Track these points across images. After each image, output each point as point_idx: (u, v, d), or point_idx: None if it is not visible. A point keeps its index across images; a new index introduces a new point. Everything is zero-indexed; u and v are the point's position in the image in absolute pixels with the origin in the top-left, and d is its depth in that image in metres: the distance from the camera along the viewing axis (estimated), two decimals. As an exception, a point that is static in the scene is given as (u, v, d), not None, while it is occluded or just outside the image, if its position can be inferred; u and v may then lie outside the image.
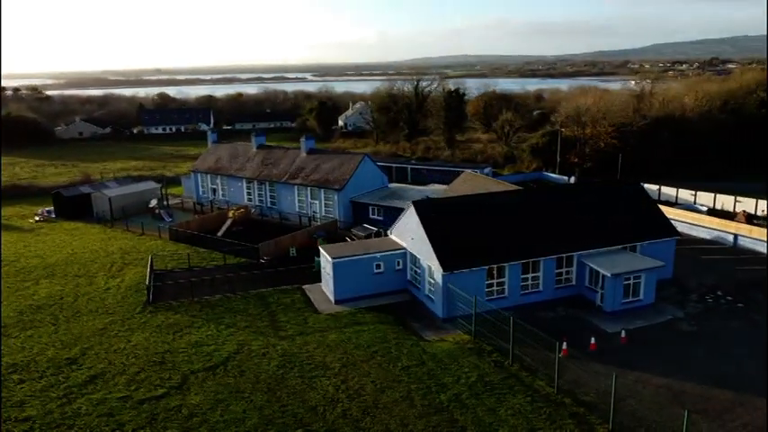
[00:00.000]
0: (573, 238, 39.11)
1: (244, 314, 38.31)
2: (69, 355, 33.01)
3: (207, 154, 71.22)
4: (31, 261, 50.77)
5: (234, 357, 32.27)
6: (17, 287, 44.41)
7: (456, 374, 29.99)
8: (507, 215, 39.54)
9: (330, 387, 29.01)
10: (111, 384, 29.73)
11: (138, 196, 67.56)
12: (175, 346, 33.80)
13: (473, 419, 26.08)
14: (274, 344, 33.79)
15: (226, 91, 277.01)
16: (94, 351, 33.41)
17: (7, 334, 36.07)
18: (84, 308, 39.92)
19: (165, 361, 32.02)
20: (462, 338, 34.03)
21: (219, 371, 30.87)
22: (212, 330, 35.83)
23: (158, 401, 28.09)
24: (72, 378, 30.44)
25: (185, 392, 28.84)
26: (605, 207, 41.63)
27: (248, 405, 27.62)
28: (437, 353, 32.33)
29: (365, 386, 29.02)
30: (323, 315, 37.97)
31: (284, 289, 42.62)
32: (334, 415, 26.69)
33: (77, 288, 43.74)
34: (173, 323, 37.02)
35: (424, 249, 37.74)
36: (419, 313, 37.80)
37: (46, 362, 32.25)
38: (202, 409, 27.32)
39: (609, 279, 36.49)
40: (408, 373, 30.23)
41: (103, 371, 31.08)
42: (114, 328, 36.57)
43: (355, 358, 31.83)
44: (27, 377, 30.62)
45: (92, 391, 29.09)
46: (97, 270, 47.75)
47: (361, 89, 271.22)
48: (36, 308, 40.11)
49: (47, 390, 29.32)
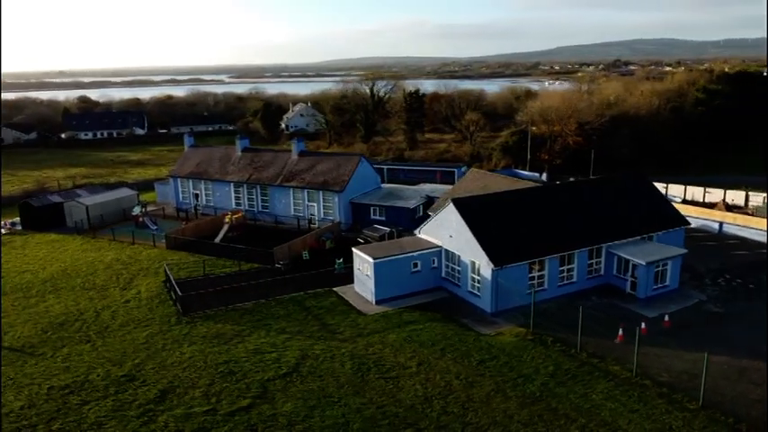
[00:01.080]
0: (600, 230, 41.08)
1: (289, 319, 37.58)
2: (123, 371, 31.26)
3: (185, 158, 68.65)
4: (25, 276, 47.30)
5: (303, 363, 31.68)
6: (23, 303, 41.36)
7: (532, 365, 30.92)
8: (540, 210, 40.97)
9: (417, 386, 29.17)
10: (187, 399, 28.49)
11: (116, 204, 64.20)
12: (236, 355, 32.74)
13: (571, 406, 27.08)
14: (337, 347, 33.45)
15: (137, 94, 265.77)
16: (150, 366, 31.80)
17: (39, 353, 33.63)
18: (112, 322, 37.79)
19: (233, 371, 30.98)
20: (519, 331, 35.02)
21: (295, 377, 30.25)
22: (266, 337, 34.95)
23: (248, 412, 27.25)
24: (141, 395, 28.90)
25: (272, 401, 28.12)
26: (623, 200, 43.95)
27: (344, 409, 27.33)
28: (503, 346, 33.15)
29: (451, 382, 29.39)
30: (369, 316, 37.89)
31: (316, 292, 42.07)
32: (436, 412, 26.93)
33: (93, 302, 41.26)
34: (219, 333, 35.78)
35: (467, 246, 38.46)
36: (463, 309, 38.44)
37: (101, 380, 30.40)
38: (299, 417, 26.77)
39: (643, 267, 38.65)
40: (486, 367, 30.86)
41: (171, 385, 29.71)
42: (157, 341, 34.89)
43: (427, 356, 32.09)
44: (89, 397, 28.78)
45: (170, 407, 27.78)
46: (104, 283, 45.18)
47: (292, 90, 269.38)
48: (58, 325, 37.56)
49: (119, 409, 27.71)
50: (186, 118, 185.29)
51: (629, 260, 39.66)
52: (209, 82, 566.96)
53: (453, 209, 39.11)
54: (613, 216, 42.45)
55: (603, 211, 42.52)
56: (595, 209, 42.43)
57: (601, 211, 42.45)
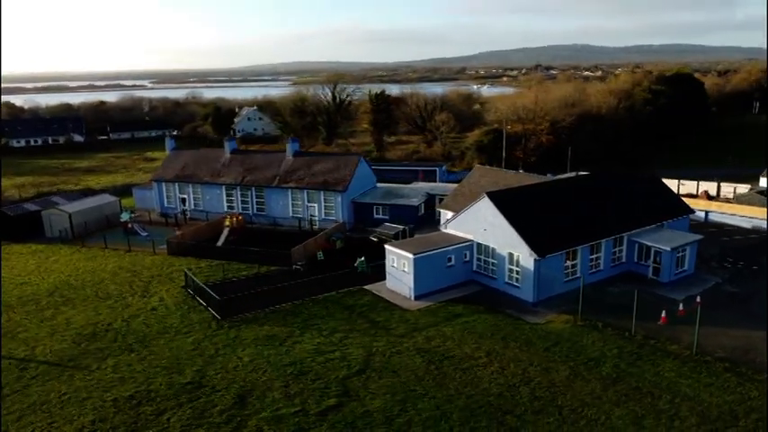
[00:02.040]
0: (621, 220, 42.93)
1: (334, 318, 37.07)
2: (186, 379, 29.95)
3: (169, 162, 66.04)
4: (25, 288, 44.22)
5: (372, 360, 31.41)
6: (39, 316, 38.69)
7: (596, 349, 32.00)
8: (567, 201, 42.34)
9: (495, 375, 29.57)
10: (268, 401, 27.67)
11: (98, 211, 60.94)
12: (298, 356, 32.02)
13: (650, 384, 28.26)
14: (398, 342, 33.35)
15: (60, 99, 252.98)
16: (212, 371, 30.60)
17: (83, 366, 31.65)
18: (148, 330, 36.02)
19: (303, 371, 30.32)
20: (566, 318, 36.07)
21: (370, 374, 29.96)
22: (320, 337, 34.34)
23: (339, 411, 26.80)
24: (218, 401, 27.82)
25: (358, 398, 27.76)
26: (635, 191, 46.07)
27: (435, 401, 27.36)
28: (560, 333, 34.09)
29: (527, 370, 29.98)
30: (414, 311, 37.93)
31: (348, 291, 41.66)
32: (525, 398, 27.43)
33: (116, 312, 39.13)
34: (269, 335, 34.85)
35: (503, 239, 39.25)
36: (503, 301, 39.10)
37: (167, 389, 29.01)
38: (394, 412, 26.59)
39: (667, 253, 40.73)
40: (553, 353, 31.67)
41: (245, 390, 28.74)
42: (207, 346, 33.59)
43: (491, 346, 32.54)
44: (162, 407, 27.43)
45: (255, 411, 26.91)
46: (119, 291, 42.91)
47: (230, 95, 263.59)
48: (90, 336, 35.42)
49: (201, 416, 26.58)
50: (126, 123, 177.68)
51: (652, 247, 41.67)
52: (131, 87, 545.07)
53: (489, 202, 39.80)
54: (630, 206, 44.44)
55: (620, 202, 44.42)
56: (613, 200, 44.26)
57: (618, 202, 44.33)
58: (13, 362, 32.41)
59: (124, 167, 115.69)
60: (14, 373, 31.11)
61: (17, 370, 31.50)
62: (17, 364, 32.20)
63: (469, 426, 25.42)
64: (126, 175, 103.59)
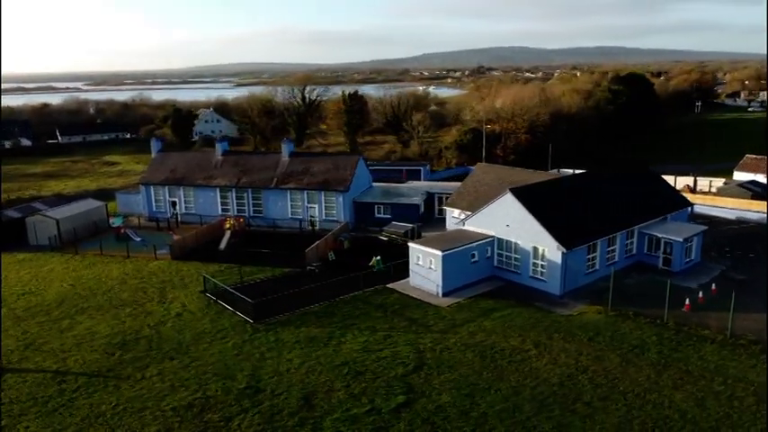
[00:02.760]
0: (632, 214, 44.58)
1: (370, 318, 36.96)
2: (241, 384, 29.30)
3: (156, 164, 63.95)
4: (30, 299, 42.02)
5: (424, 356, 31.55)
6: (55, 326, 36.86)
7: (636, 337, 33.18)
8: (583, 197, 43.61)
9: (550, 365, 30.26)
10: (335, 402, 27.42)
11: (86, 217, 58.43)
12: (349, 356, 31.83)
13: (699, 368, 29.57)
14: (443, 338, 33.62)
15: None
16: (265, 375, 30.03)
17: (126, 376, 30.44)
18: (181, 337, 34.94)
19: (359, 371, 30.17)
20: (597, 308, 37.22)
21: (428, 370, 30.10)
22: (362, 336, 34.20)
23: (411, 407, 26.85)
24: (283, 404, 27.38)
25: (425, 394, 27.86)
26: (640, 186, 47.92)
27: (502, 393, 27.78)
28: (596, 323, 35.16)
29: (579, 359, 30.81)
30: (447, 308, 38.26)
31: (374, 290, 41.58)
32: (586, 386, 28.20)
33: (139, 320, 37.75)
34: (310, 336, 34.43)
35: (528, 233, 40.11)
36: (529, 295, 39.87)
37: (225, 395, 28.30)
38: (465, 405, 26.86)
39: (679, 244, 42.60)
40: (597, 342, 32.65)
41: (307, 392, 28.38)
42: (251, 350, 32.91)
43: (536, 339, 33.25)
44: (228, 413, 26.76)
45: (325, 412, 26.64)
46: (134, 299, 41.38)
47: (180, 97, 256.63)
48: (120, 345, 34.06)
49: (271, 421, 26.10)
50: (76, 127, 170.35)
51: (662, 238, 43.47)
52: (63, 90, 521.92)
53: (513, 198, 40.58)
54: (637, 200, 46.19)
55: (628, 196, 46.10)
56: (622, 194, 45.88)
57: (627, 196, 45.99)
58: (47, 375, 30.83)
59: (86, 172, 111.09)
60: (53, 387, 29.59)
61: (54, 383, 29.98)
62: (52, 376, 30.64)
63: (544, 415, 25.96)
64: (92, 180, 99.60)
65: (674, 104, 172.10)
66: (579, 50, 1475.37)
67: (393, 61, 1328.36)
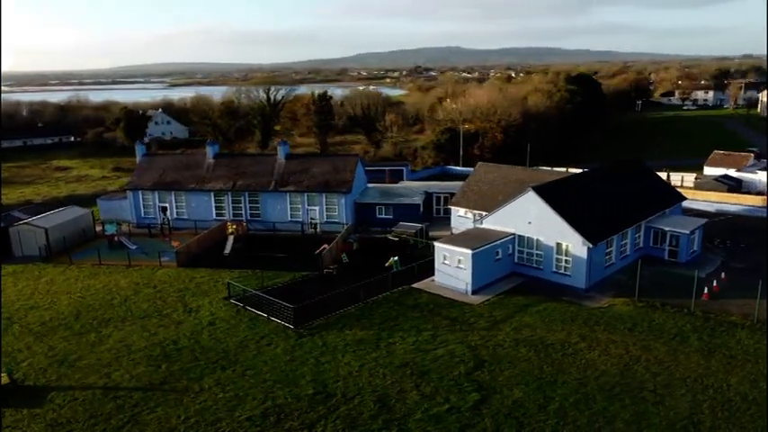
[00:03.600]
0: (639, 208, 46.68)
1: (408, 318, 37.13)
2: (307, 390, 28.95)
3: (143, 169, 61.57)
4: (40, 313, 39.78)
5: (479, 354, 32.05)
6: (82, 340, 35.12)
7: (671, 325, 34.90)
8: (595, 193, 45.28)
9: (603, 356, 31.41)
10: (410, 403, 27.55)
11: (74, 225, 55.72)
12: (404, 357, 31.96)
13: (741, 352, 31.45)
14: (489, 336, 34.24)
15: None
16: (329, 380, 29.78)
17: (182, 388, 29.46)
18: (224, 346, 34.05)
19: (421, 371, 30.37)
20: (624, 300, 38.79)
21: (490, 367, 30.66)
22: (410, 337, 34.35)
23: (488, 403, 27.34)
24: (358, 407, 27.29)
25: (498, 391, 28.39)
26: (640, 182, 50.17)
27: (570, 386, 28.66)
28: (630, 314, 36.70)
29: (629, 349, 32.13)
30: (480, 305, 38.90)
31: (401, 291, 41.76)
32: (645, 374, 29.49)
33: (171, 330, 36.48)
34: (358, 339, 34.31)
35: (551, 230, 41.33)
36: (554, 290, 41.03)
37: (296, 401, 27.94)
38: (540, 399, 27.58)
39: (685, 236, 44.96)
40: (638, 332, 34.15)
41: (378, 394, 28.37)
42: (301, 356, 32.48)
43: (579, 331, 34.42)
44: (306, 419, 26.44)
45: (406, 413, 26.75)
46: (157, 308, 39.92)
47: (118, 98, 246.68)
48: (163, 357, 32.87)
49: (354, 425, 25.98)
50: (14, 130, 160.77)
51: (668, 231, 45.74)
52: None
53: (535, 196, 41.68)
54: (641, 196, 48.37)
55: (633, 191, 48.21)
56: (628, 190, 47.94)
57: (631, 192, 48.08)
58: (96, 391, 29.42)
59: (39, 178, 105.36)
60: (108, 403, 28.28)
61: (109, 399, 28.65)
62: (103, 392, 29.27)
63: (618, 404, 26.99)
64: (51, 186, 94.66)
65: (617, 104, 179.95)
66: (511, 51, 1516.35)
67: (329, 61, 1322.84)
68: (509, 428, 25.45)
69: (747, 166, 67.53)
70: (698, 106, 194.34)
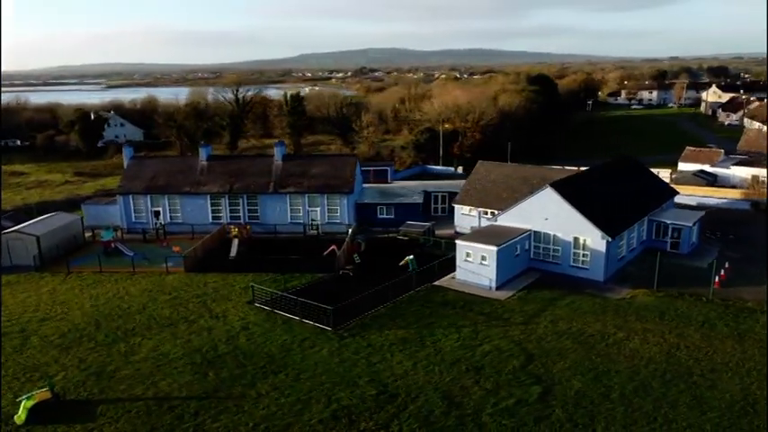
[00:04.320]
0: (642, 203, 48.55)
1: (442, 316, 37.41)
2: (372, 390, 28.81)
3: (133, 172, 59.33)
4: (58, 325, 37.81)
5: (526, 348, 32.66)
6: (111, 352, 33.67)
7: (696, 313, 36.55)
8: (605, 190, 46.77)
9: (644, 345, 32.57)
10: (476, 399, 27.85)
11: (65, 232, 53.26)
12: (453, 354, 32.23)
13: None
14: (529, 330, 34.93)
15: None
16: (387, 380, 29.73)
17: (238, 395, 28.77)
18: (267, 351, 33.39)
19: (476, 367, 30.73)
20: (644, 291, 40.29)
21: (542, 359, 31.29)
22: (452, 335, 34.61)
23: (553, 394, 27.91)
24: (429, 405, 27.37)
25: (558, 383, 29.02)
26: (639, 179, 52.16)
27: (625, 374, 29.62)
28: (655, 304, 38.16)
29: (665, 338, 33.44)
30: (508, 300, 39.59)
31: (425, 289, 41.99)
32: (689, 360, 30.78)
33: (204, 337, 35.46)
34: (400, 338, 34.31)
35: (569, 225, 42.48)
36: (572, 283, 42.06)
37: (363, 403, 27.77)
38: (600, 389, 28.36)
39: (687, 228, 47.08)
40: (668, 321, 35.59)
41: (441, 391, 28.54)
42: (350, 357, 32.26)
43: (614, 322, 35.56)
44: (380, 420, 26.35)
45: (477, 408, 27.03)
46: (181, 315, 38.70)
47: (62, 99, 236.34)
48: (207, 364, 31.95)
49: (428, 423, 26.08)
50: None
51: (670, 224, 47.79)
52: None
53: (553, 193, 42.71)
54: (642, 190, 50.32)
55: (635, 187, 50.10)
56: (630, 186, 49.77)
57: (634, 187, 49.95)
58: (149, 402, 28.35)
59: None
60: (165, 414, 27.30)
61: (164, 410, 27.66)
62: (156, 404, 28.22)
63: (675, 389, 28.08)
64: (14, 193, 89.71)
65: (570, 103, 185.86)
66: (452, 52, 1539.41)
67: (271, 62, 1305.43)
68: (581, 418, 26.11)
69: (719, 161, 71.17)
70: (644, 105, 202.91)
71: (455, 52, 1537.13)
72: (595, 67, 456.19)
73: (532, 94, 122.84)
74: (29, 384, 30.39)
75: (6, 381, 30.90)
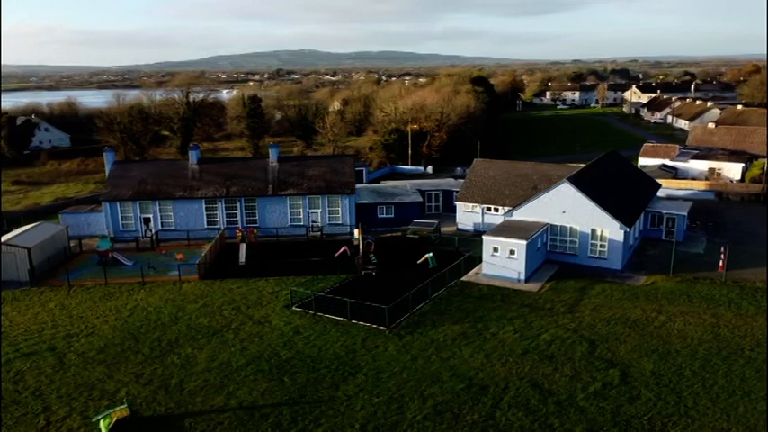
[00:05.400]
0: (640, 195, 51.57)
1: (486, 309, 38.26)
2: (460, 384, 29.19)
3: (117, 178, 56.06)
4: (91, 340, 35.43)
5: (585, 336, 34.05)
6: (165, 362, 32.04)
7: (718, 295, 39.42)
8: (611, 183, 49.29)
9: (687, 327, 34.80)
10: (562, 385, 28.90)
11: (53, 243, 49.68)
12: (518, 345, 33.16)
13: (790, 311, 36.50)
14: (575, 318, 36.44)
15: None
16: (469, 373, 30.20)
17: (328, 397, 28.33)
18: (332, 354, 32.92)
19: (547, 356, 31.78)
20: (661, 277, 42.93)
21: (605, 345, 32.75)
22: (506, 326, 35.53)
23: (632, 376, 29.38)
24: (526, 394, 28.10)
25: (629, 365, 30.54)
26: (630, 172, 55.29)
27: (684, 353, 31.59)
28: (676, 288, 40.75)
29: (703, 318, 35.88)
30: (541, 292, 41.00)
31: (456, 285, 42.68)
32: (734, 338, 33.23)
33: (257, 343, 34.46)
34: (458, 333, 34.85)
35: (586, 217, 44.51)
36: (593, 273, 44.11)
37: (457, 397, 28.11)
38: (671, 369, 30.12)
39: (681, 218, 50.55)
40: (697, 303, 38.25)
41: (525, 380, 29.38)
42: (420, 354, 32.45)
43: (650, 306, 37.75)
44: (482, 412, 26.81)
45: (567, 395, 28.06)
46: (221, 324, 37.29)
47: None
48: (276, 372, 31.10)
49: (530, 409, 26.84)
50: None
51: (665, 214, 51.12)
52: None
53: (570, 187, 44.56)
54: (636, 184, 53.42)
55: (631, 181, 53.12)
56: (627, 180, 52.72)
57: (630, 181, 52.95)
58: (238, 413, 27.32)
59: None
60: (261, 423, 26.46)
61: (257, 419, 26.77)
62: (245, 413, 27.26)
63: (737, 364, 30.30)
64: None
65: (503, 104, 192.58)
66: (365, 54, 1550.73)
67: (180, 64, 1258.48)
68: (669, 395, 27.69)
69: (677, 156, 76.45)
70: (569, 105, 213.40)
71: (368, 54, 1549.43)
72: (506, 69, 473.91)
73: (482, 95, 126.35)
74: (91, 403, 28.47)
75: (63, 400, 28.80)
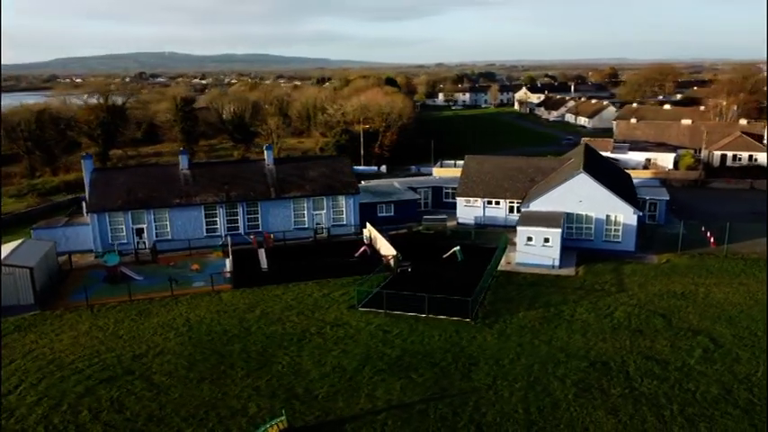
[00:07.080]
0: (628, 182, 56.37)
1: (545, 294, 40.28)
2: (582, 363, 30.82)
3: (100, 187, 50.88)
4: (169, 359, 32.53)
5: (652, 310, 37.11)
6: (286, 372, 30.46)
7: (729, 266, 44.50)
8: (607, 174, 53.38)
9: (729, 296, 39.17)
10: (667, 354, 31.47)
11: (48, 260, 44.45)
12: (603, 324, 35.57)
13: (796, 276, 42.18)
14: (631, 297, 39.58)
15: None
16: (580, 352, 31.96)
17: (469, 390, 28.69)
18: (439, 347, 33.13)
19: (636, 330, 34.32)
20: (671, 255, 47.56)
21: (676, 317, 36.01)
22: (578, 308, 37.81)
23: (720, 341, 32.66)
24: (648, 366, 30.30)
25: (711, 332, 33.90)
26: (609, 163, 60.13)
27: (748, 319, 35.59)
28: (691, 264, 45.37)
29: (733, 286, 40.54)
30: (577, 276, 43.85)
31: (499, 275, 44.28)
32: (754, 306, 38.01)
33: (352, 346, 33.73)
34: (539, 317, 36.63)
35: (602, 205, 48.11)
36: (611, 255, 47.59)
37: (586, 376, 29.70)
38: (746, 335, 33.90)
39: (663, 202, 56.05)
40: (717, 276, 43.08)
41: (643, 354, 31.58)
42: (522, 340, 33.72)
43: (685, 281, 41.87)
44: (621, 383, 28.62)
45: (682, 363, 30.63)
46: (301, 330, 35.89)
47: None
48: (399, 370, 30.80)
49: (665, 379, 29.09)
50: None
51: (648, 199, 56.34)
52: None
53: (587, 177, 47.89)
54: (619, 173, 58.28)
55: (616, 171, 57.84)
56: (613, 170, 57.36)
57: (615, 171, 57.65)
58: (393, 411, 26.83)
59: None
60: (424, 419, 26.25)
61: (414, 414, 26.53)
62: (402, 411, 26.86)
63: (792, 325, 34.79)
64: None
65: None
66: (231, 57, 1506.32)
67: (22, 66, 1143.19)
68: (762, 355, 31.20)
69: (615, 149, 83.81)
70: (462, 105, 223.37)
71: (234, 57, 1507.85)
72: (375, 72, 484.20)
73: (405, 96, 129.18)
74: (226, 422, 26.51)
75: (191, 422, 26.53)
